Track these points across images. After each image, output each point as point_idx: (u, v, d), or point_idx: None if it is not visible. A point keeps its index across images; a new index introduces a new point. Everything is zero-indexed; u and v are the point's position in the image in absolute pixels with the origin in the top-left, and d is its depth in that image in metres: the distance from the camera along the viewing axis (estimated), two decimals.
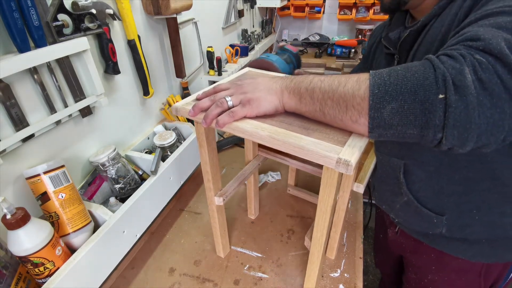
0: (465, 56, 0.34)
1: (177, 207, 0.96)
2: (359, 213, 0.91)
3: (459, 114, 0.32)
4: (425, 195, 0.60)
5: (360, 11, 2.02)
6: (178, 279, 0.73)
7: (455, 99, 0.32)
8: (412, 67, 0.36)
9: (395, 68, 0.37)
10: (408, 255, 0.78)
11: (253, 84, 0.49)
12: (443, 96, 0.33)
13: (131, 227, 0.70)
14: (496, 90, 0.32)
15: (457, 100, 0.32)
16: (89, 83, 0.70)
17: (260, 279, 0.73)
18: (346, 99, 0.39)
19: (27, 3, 0.52)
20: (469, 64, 0.33)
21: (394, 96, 0.35)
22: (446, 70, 0.33)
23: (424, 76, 0.34)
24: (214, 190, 0.65)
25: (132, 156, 0.86)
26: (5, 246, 0.52)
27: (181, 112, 0.53)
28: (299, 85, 0.45)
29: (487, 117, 0.33)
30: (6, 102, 0.54)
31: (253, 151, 0.77)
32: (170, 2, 0.87)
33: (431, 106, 0.33)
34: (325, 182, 0.45)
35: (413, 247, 0.73)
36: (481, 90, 0.32)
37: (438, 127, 0.34)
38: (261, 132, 0.44)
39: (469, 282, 0.67)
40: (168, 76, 1.08)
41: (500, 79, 0.32)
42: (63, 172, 0.60)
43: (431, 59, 0.35)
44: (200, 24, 1.20)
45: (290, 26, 2.36)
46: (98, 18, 0.69)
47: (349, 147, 0.39)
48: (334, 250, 0.76)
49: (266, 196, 0.99)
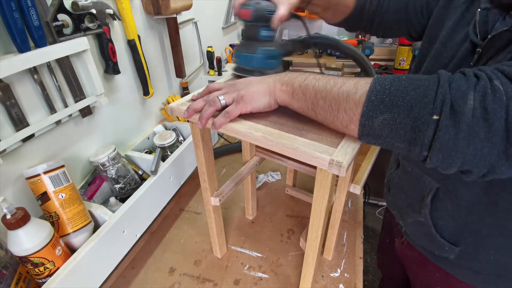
0: (481, 79, 0.31)
1: (177, 207, 0.96)
2: (359, 213, 0.91)
3: (447, 139, 0.31)
4: (445, 225, 0.56)
5: None
6: (178, 279, 0.73)
7: (447, 124, 0.31)
8: (417, 80, 0.34)
9: (399, 77, 0.35)
10: (414, 267, 0.74)
11: (245, 81, 0.49)
12: (437, 118, 0.31)
13: (131, 227, 0.70)
14: (496, 125, 0.30)
15: (449, 126, 0.31)
16: (89, 83, 0.70)
17: (260, 279, 0.73)
18: (338, 102, 0.38)
19: (27, 3, 0.52)
20: (480, 89, 0.31)
21: (389, 107, 0.34)
22: (449, 91, 0.31)
23: (425, 93, 0.32)
24: (210, 191, 0.66)
25: (132, 156, 0.86)
26: (5, 246, 0.52)
27: (176, 113, 0.53)
28: (293, 80, 0.44)
29: (477, 149, 0.31)
30: (6, 102, 0.54)
31: (250, 151, 0.77)
32: (170, 2, 0.87)
33: (422, 125, 0.32)
34: (319, 184, 0.45)
35: (419, 262, 0.69)
36: (480, 119, 0.30)
37: (425, 146, 0.33)
38: (255, 133, 0.44)
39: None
40: (168, 76, 1.08)
41: (507, 115, 0.30)
42: (63, 172, 0.60)
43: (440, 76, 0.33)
44: (200, 24, 1.20)
45: (290, 26, 2.36)
46: (98, 18, 0.69)
47: (342, 149, 0.39)
48: (331, 251, 0.76)
49: (266, 196, 0.99)
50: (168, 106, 0.54)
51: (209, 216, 0.71)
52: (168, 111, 0.55)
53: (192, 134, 0.58)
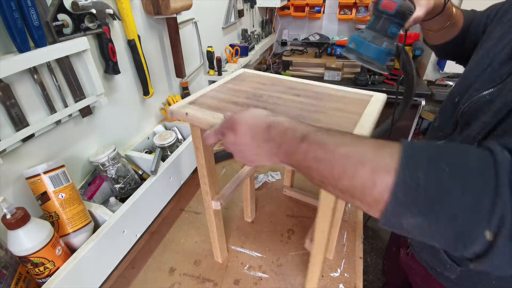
0: None
1: (177, 207, 0.96)
2: (359, 213, 0.91)
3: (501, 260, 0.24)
4: None
5: (360, 11, 2.02)
6: (178, 279, 0.73)
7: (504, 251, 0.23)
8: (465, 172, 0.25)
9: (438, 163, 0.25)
10: (417, 280, 0.73)
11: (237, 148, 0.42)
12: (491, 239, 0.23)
13: (131, 227, 0.70)
14: None
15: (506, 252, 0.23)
16: (89, 83, 0.70)
17: (260, 279, 0.73)
18: (353, 195, 0.29)
19: (27, 3, 0.52)
20: None
21: (423, 212, 0.25)
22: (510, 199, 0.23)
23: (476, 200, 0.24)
24: (211, 194, 0.65)
25: (132, 156, 0.86)
26: (5, 246, 0.52)
27: (176, 115, 0.54)
28: (291, 157, 0.35)
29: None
30: (6, 102, 0.54)
31: None
32: (170, 2, 0.87)
33: (468, 240, 0.25)
34: None
35: (423, 276, 0.69)
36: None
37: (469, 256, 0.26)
38: None
39: None
40: (168, 76, 1.08)
41: None
42: (63, 172, 0.60)
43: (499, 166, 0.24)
44: (200, 24, 1.20)
45: (290, 26, 2.36)
46: (98, 18, 0.69)
47: None
48: (332, 250, 0.76)
49: (266, 196, 0.99)
50: (168, 108, 0.55)
51: (210, 220, 0.70)
52: (168, 114, 0.55)
53: (192, 137, 0.58)
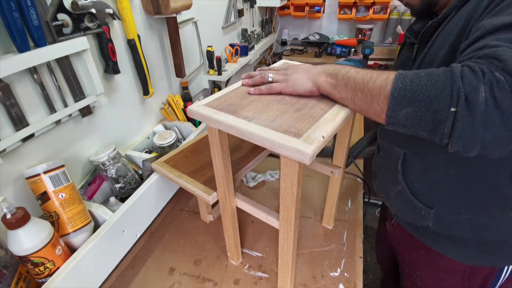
0: (485, 73, 0.36)
1: (177, 207, 0.96)
2: (359, 212, 0.91)
3: (465, 128, 0.36)
4: (418, 187, 0.62)
5: (360, 10, 2.02)
6: (178, 279, 0.73)
7: (464, 115, 0.35)
8: (434, 76, 0.38)
9: (419, 74, 0.40)
10: (402, 249, 0.79)
11: (295, 67, 0.58)
12: (454, 110, 0.36)
13: (131, 227, 0.70)
14: (508, 109, 0.34)
15: (466, 116, 0.35)
16: (89, 82, 0.70)
17: (260, 278, 0.73)
18: (373, 95, 0.44)
19: (26, 2, 0.52)
20: (487, 82, 0.35)
21: (410, 102, 0.39)
22: (463, 85, 0.36)
23: (442, 87, 0.37)
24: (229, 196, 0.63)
25: (132, 156, 0.86)
26: (5, 246, 0.52)
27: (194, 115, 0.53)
28: (337, 72, 0.50)
29: (494, 133, 0.35)
30: (6, 102, 0.54)
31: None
32: (170, 2, 0.87)
33: (441, 116, 0.37)
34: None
35: (406, 242, 0.74)
36: (493, 108, 0.34)
37: (445, 135, 0.38)
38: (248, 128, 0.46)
39: (453, 282, 0.68)
40: (168, 75, 1.08)
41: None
42: (63, 172, 0.60)
43: (454, 70, 0.37)
44: (200, 23, 1.20)
45: (290, 26, 2.36)
46: (97, 18, 0.69)
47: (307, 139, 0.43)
48: (331, 218, 0.76)
49: (265, 195, 0.99)
50: (189, 108, 0.54)
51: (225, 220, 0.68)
52: (188, 113, 0.55)
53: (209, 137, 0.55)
